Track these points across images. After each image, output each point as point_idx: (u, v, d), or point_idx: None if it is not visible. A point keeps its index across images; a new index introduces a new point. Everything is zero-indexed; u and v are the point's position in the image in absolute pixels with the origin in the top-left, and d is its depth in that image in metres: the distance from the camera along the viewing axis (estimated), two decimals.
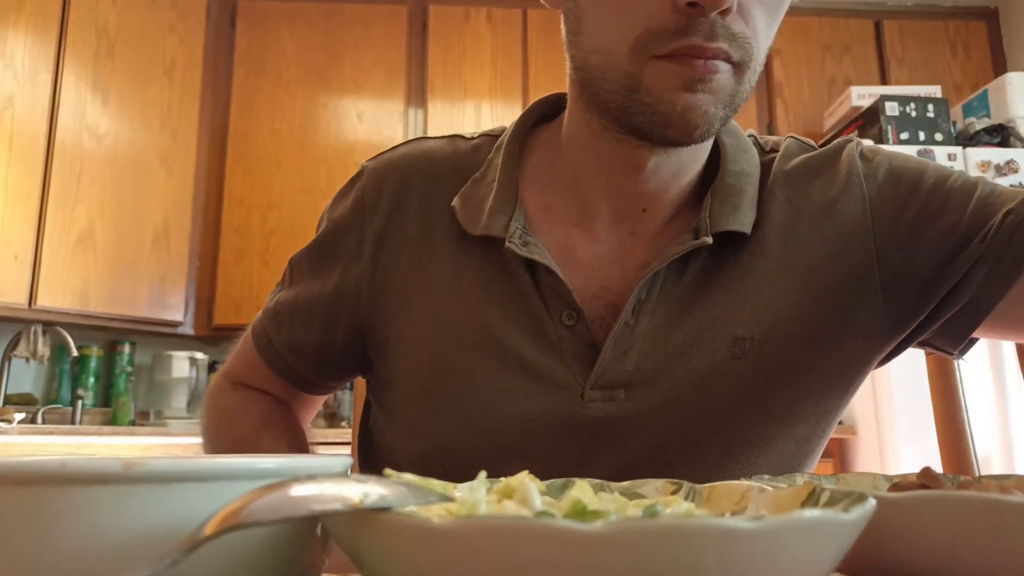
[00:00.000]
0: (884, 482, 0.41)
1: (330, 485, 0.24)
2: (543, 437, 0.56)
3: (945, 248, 0.56)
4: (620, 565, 0.20)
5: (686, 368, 0.56)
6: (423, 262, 0.61)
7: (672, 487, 0.35)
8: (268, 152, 2.80)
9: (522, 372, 0.57)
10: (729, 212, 0.57)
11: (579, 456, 0.56)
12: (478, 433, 0.57)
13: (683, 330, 0.57)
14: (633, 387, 0.56)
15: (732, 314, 0.57)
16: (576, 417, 0.56)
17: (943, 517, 0.29)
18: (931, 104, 2.52)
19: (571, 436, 0.56)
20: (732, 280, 0.57)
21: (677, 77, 0.49)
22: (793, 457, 0.59)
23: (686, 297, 0.57)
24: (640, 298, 0.56)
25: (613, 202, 0.59)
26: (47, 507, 0.24)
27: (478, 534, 0.21)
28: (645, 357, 0.56)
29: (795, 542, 0.21)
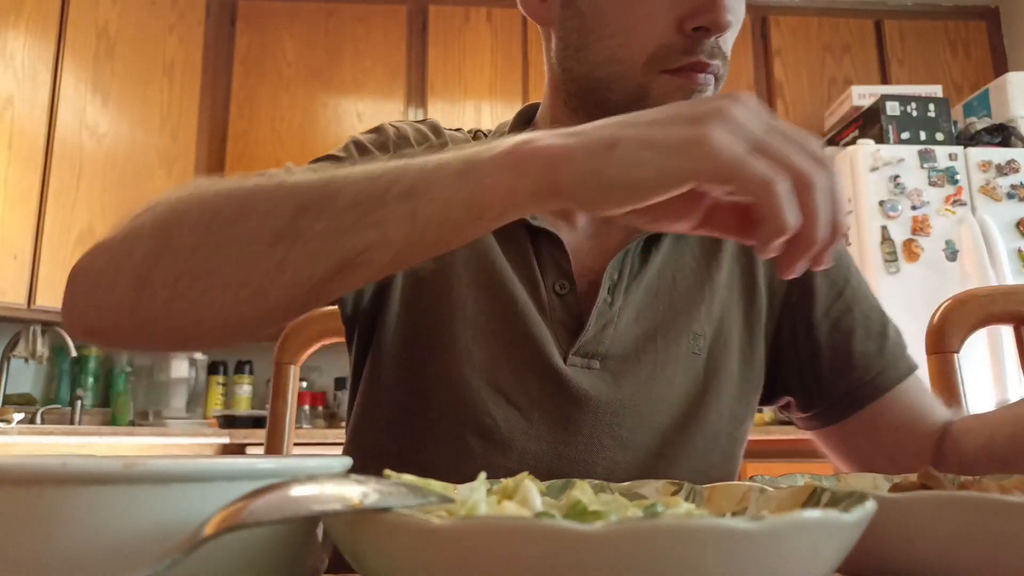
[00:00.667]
0: (884, 482, 0.41)
1: (330, 485, 0.24)
2: (532, 388, 0.61)
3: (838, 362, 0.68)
4: (620, 565, 0.20)
5: (652, 351, 0.63)
6: None
7: (672, 487, 0.35)
8: (268, 152, 2.80)
9: (521, 324, 0.62)
10: None
11: (559, 414, 0.62)
12: (476, 370, 0.61)
13: (650, 316, 0.64)
14: (607, 360, 0.62)
15: (690, 310, 0.65)
16: (560, 377, 0.61)
17: (943, 517, 0.29)
18: (932, 104, 2.52)
19: (555, 394, 0.62)
20: (690, 279, 0.66)
21: (680, 89, 0.57)
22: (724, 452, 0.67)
23: (651, 286, 0.65)
24: (613, 278, 0.63)
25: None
26: (47, 507, 0.24)
27: (478, 534, 0.20)
28: (619, 334, 0.63)
29: (795, 542, 0.21)
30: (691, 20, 0.56)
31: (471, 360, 0.61)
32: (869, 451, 0.69)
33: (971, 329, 0.83)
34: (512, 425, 0.61)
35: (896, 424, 0.67)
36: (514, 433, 0.61)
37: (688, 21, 0.56)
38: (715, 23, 0.55)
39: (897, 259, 2.28)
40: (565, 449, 0.61)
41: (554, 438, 0.61)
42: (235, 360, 2.86)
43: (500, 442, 0.61)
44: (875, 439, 0.68)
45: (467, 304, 0.63)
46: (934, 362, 0.85)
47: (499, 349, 0.62)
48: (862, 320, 0.69)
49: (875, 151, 2.36)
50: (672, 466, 0.63)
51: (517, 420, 0.61)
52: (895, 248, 2.29)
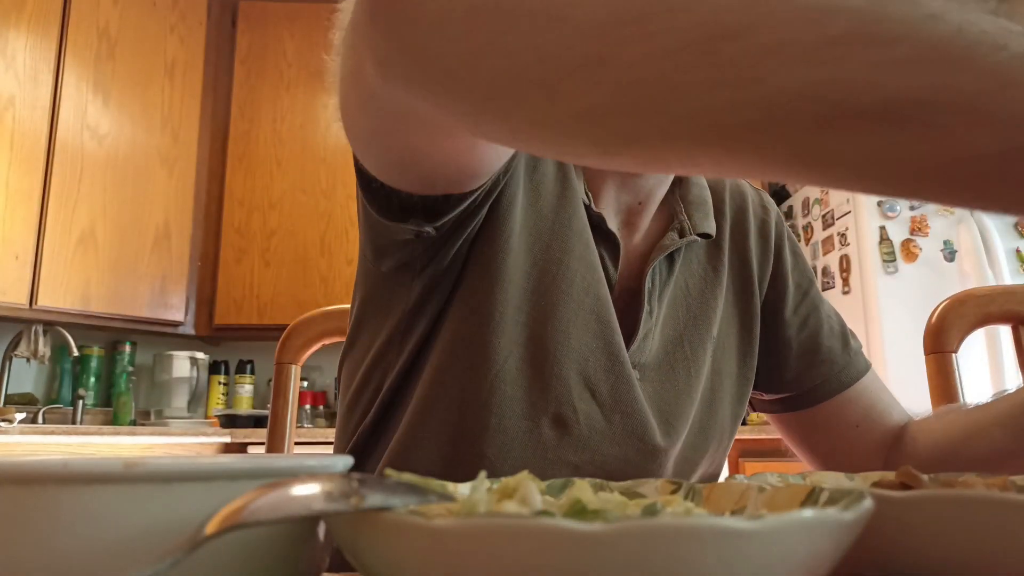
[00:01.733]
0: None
1: (330, 485, 0.24)
2: (617, 389, 0.60)
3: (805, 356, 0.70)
4: (620, 565, 0.20)
5: (683, 358, 0.64)
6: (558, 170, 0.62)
7: (671, 486, 0.35)
8: (269, 152, 2.80)
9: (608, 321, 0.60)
10: (703, 218, 0.66)
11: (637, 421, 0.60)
12: (569, 357, 0.58)
13: (673, 325, 0.65)
14: (645, 369, 0.62)
15: (707, 314, 0.66)
16: (629, 382, 0.60)
17: (943, 515, 0.29)
18: None
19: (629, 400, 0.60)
20: (701, 283, 0.67)
21: None
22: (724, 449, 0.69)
23: (672, 295, 0.65)
24: (649, 287, 0.63)
25: (618, 193, 0.65)
26: (48, 507, 0.24)
27: (478, 534, 0.21)
28: (655, 344, 0.63)
29: (794, 541, 0.21)
30: None
31: (567, 345, 0.58)
32: (828, 443, 0.72)
33: (969, 329, 0.84)
34: (592, 423, 0.59)
35: (857, 419, 0.70)
36: (592, 431, 0.59)
37: None
38: None
39: (895, 259, 2.28)
40: (635, 457, 0.60)
41: (628, 444, 0.60)
42: (236, 360, 2.86)
43: (576, 437, 0.58)
44: (835, 432, 0.71)
45: (575, 280, 0.59)
46: (932, 362, 0.86)
47: (593, 339, 0.59)
48: (826, 319, 0.73)
49: None
50: (689, 468, 0.65)
51: (598, 419, 0.59)
52: (893, 248, 2.29)
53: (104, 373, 2.75)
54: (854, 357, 0.72)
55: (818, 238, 2.59)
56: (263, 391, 2.83)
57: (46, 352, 2.54)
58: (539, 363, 0.58)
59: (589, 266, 0.60)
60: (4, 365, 2.57)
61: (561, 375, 0.58)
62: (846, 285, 2.40)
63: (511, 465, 0.58)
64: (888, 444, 0.69)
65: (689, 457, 0.64)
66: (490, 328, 0.57)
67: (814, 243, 2.62)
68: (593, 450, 0.59)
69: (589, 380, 0.59)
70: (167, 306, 2.65)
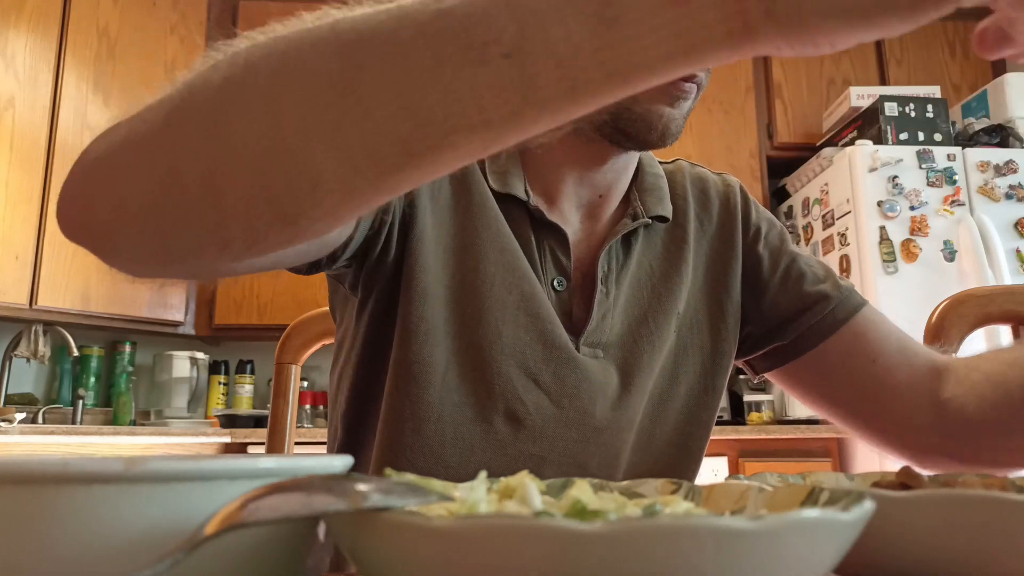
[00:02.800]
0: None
1: (330, 485, 0.24)
2: (561, 375, 0.62)
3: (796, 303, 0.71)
4: (619, 565, 0.20)
5: (646, 335, 0.67)
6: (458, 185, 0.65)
7: (671, 486, 0.35)
8: None
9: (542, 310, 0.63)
10: (656, 202, 0.70)
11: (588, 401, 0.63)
12: (505, 353, 0.61)
13: (637, 304, 0.67)
14: (608, 348, 0.65)
15: (671, 293, 0.69)
16: (573, 363, 0.63)
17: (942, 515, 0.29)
18: (930, 104, 2.52)
19: (578, 383, 0.63)
20: (665, 264, 0.70)
21: (666, 95, 0.59)
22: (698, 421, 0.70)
23: (635, 275, 0.68)
24: (605, 270, 0.66)
25: (577, 188, 0.68)
26: (48, 507, 0.24)
27: (478, 534, 0.21)
28: (615, 323, 0.66)
29: (794, 542, 0.21)
30: None
31: (500, 341, 0.61)
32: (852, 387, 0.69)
33: (969, 329, 0.84)
34: (544, 412, 0.61)
35: (872, 352, 0.68)
36: (545, 420, 0.61)
37: None
38: None
39: (895, 259, 2.28)
40: (592, 435, 0.63)
41: (584, 425, 0.63)
42: (236, 360, 2.86)
43: (531, 428, 0.61)
44: (855, 371, 0.69)
45: (495, 282, 0.62)
46: None
47: (525, 333, 0.62)
48: (807, 268, 0.73)
49: (873, 152, 2.36)
50: (653, 439, 0.67)
51: (547, 407, 0.62)
52: (893, 248, 2.29)
53: (104, 373, 2.75)
54: (847, 294, 0.71)
55: (818, 238, 2.59)
56: (263, 391, 2.83)
57: (46, 352, 2.54)
58: (478, 366, 0.61)
59: (507, 266, 0.63)
60: (4, 365, 2.57)
61: (502, 372, 0.61)
62: None
63: (474, 469, 0.59)
64: (924, 382, 0.66)
65: (647, 428, 0.67)
66: (423, 345, 0.60)
67: (814, 243, 2.62)
68: (551, 437, 0.62)
69: (530, 371, 0.62)
70: (167, 306, 2.65)
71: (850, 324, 0.69)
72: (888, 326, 0.70)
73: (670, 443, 0.68)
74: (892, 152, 2.36)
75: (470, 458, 0.60)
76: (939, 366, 0.67)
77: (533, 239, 0.65)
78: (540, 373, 0.62)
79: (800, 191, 2.75)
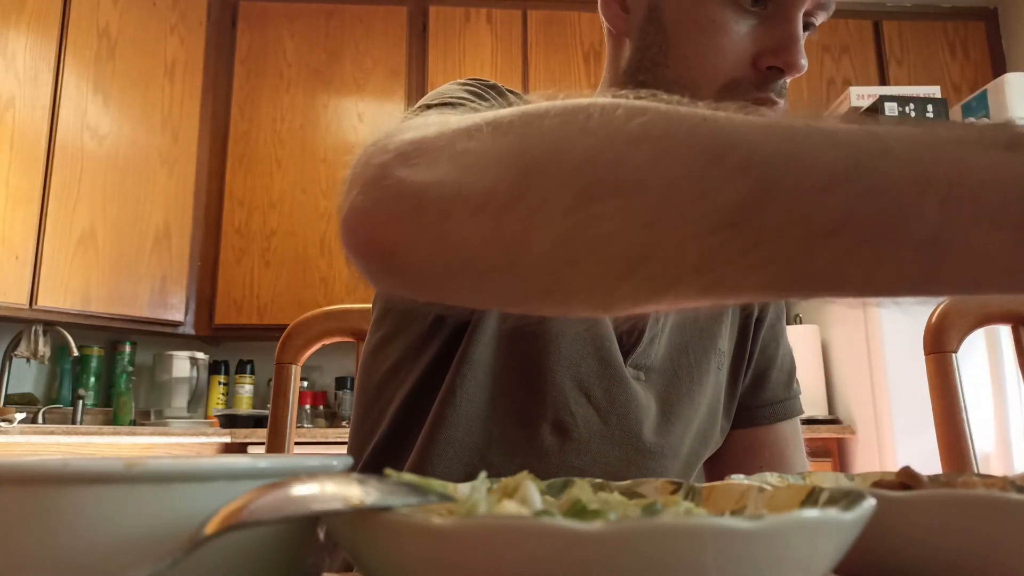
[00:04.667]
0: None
1: (330, 485, 0.24)
2: (611, 391, 0.62)
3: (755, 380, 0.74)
4: (620, 564, 0.20)
5: (687, 365, 0.66)
6: None
7: (671, 486, 0.35)
8: (269, 152, 2.80)
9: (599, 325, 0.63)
10: None
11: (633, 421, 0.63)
12: (561, 363, 0.61)
13: (681, 333, 0.67)
14: (651, 372, 0.65)
15: (713, 327, 0.68)
16: (624, 383, 0.63)
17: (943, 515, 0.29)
18: (930, 105, 2.52)
19: (627, 401, 0.63)
20: None
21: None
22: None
23: None
24: None
25: None
26: (48, 507, 0.24)
27: (478, 534, 0.21)
28: (661, 348, 0.65)
29: (794, 541, 0.21)
30: (767, 58, 0.56)
31: (558, 352, 0.61)
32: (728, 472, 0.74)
33: (969, 329, 0.84)
34: (591, 426, 0.61)
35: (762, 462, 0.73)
36: (591, 434, 0.61)
37: (764, 59, 0.57)
38: (790, 64, 0.56)
39: None
40: (636, 457, 0.63)
41: (628, 444, 0.63)
42: (236, 360, 2.86)
43: (576, 441, 0.61)
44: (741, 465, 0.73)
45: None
46: (932, 362, 0.86)
47: (583, 346, 0.61)
48: (782, 355, 0.76)
49: None
50: (689, 476, 0.68)
51: (595, 422, 0.61)
52: None
53: (104, 373, 2.75)
54: (793, 397, 0.75)
55: None
56: (263, 391, 2.83)
57: (46, 352, 2.54)
58: (533, 373, 0.61)
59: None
60: (4, 365, 2.57)
61: (555, 382, 0.60)
62: None
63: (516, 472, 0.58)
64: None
65: (692, 463, 0.67)
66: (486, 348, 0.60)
67: None
68: (594, 452, 0.61)
69: (583, 384, 0.61)
70: (167, 306, 2.65)
71: (774, 427, 0.74)
72: (795, 443, 0.75)
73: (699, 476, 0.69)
74: None
75: (512, 460, 0.60)
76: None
77: None
78: (592, 388, 0.61)
79: None
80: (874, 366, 2.21)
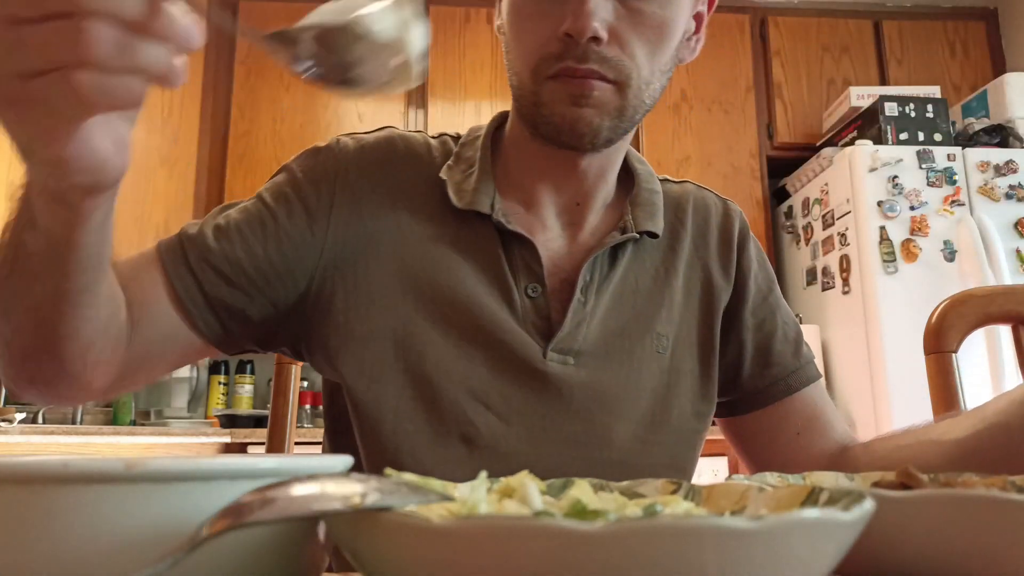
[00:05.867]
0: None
1: (330, 485, 0.24)
2: (509, 393, 0.64)
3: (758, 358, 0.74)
4: (620, 565, 0.20)
5: (620, 349, 0.67)
6: (399, 228, 0.68)
7: (671, 486, 0.35)
8: (269, 153, 2.80)
9: (493, 330, 0.65)
10: (647, 217, 0.71)
11: (538, 415, 0.64)
12: (452, 382, 0.64)
13: (618, 316, 0.68)
14: (582, 355, 0.66)
15: (652, 311, 0.69)
16: (537, 373, 0.64)
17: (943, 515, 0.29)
18: (930, 104, 2.52)
19: (533, 396, 0.64)
20: (651, 282, 0.71)
21: (563, 94, 0.61)
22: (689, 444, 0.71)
23: (618, 289, 0.69)
24: (586, 279, 0.67)
25: (553, 196, 0.70)
26: (49, 507, 0.24)
27: (478, 534, 0.21)
28: (592, 332, 0.66)
29: (795, 542, 0.21)
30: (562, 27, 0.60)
31: (448, 374, 0.64)
32: (769, 450, 0.74)
33: (969, 329, 0.84)
34: (494, 431, 0.63)
35: (799, 426, 0.73)
36: (497, 439, 0.63)
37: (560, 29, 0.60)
38: (575, 28, 0.59)
39: (895, 259, 2.28)
40: (546, 448, 0.64)
41: (535, 438, 0.64)
42: (236, 360, 2.86)
43: (484, 447, 0.63)
44: (777, 439, 0.73)
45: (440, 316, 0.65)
46: (932, 362, 0.86)
47: (472, 359, 0.64)
48: (781, 325, 0.76)
49: (873, 152, 2.36)
50: (643, 462, 0.67)
51: (498, 425, 0.64)
52: (893, 248, 2.29)
53: None
54: (804, 365, 0.75)
55: (818, 238, 2.59)
56: (263, 391, 2.83)
57: None
58: (428, 396, 0.63)
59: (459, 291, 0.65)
60: None
61: (450, 398, 0.63)
62: (846, 285, 2.40)
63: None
64: (826, 460, 0.71)
65: (639, 449, 0.66)
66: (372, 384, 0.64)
67: (814, 243, 2.62)
68: (504, 454, 0.63)
69: (477, 394, 0.64)
70: None
71: (796, 396, 0.73)
72: (822, 403, 0.75)
73: (662, 464, 0.68)
74: (892, 152, 2.36)
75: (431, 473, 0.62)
76: (845, 445, 0.72)
77: (502, 250, 0.66)
78: (488, 395, 0.64)
79: (800, 191, 2.75)
80: (874, 366, 2.22)
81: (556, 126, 0.62)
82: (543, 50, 0.61)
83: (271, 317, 0.65)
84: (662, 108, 2.87)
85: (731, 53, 2.94)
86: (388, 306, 0.65)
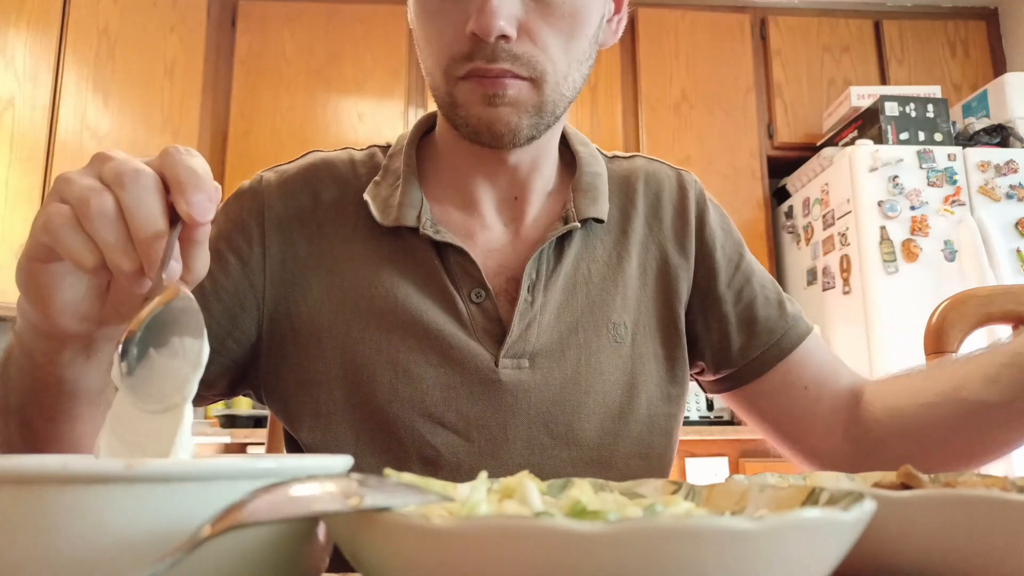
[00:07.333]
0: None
1: (330, 485, 0.24)
2: (464, 408, 0.63)
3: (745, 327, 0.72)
4: (620, 565, 0.20)
5: (576, 344, 0.65)
6: (333, 256, 0.66)
7: (672, 487, 0.35)
8: (269, 152, 2.80)
9: (441, 346, 0.63)
10: (590, 203, 0.68)
11: (496, 425, 0.63)
12: (404, 406, 0.62)
13: (571, 310, 0.66)
14: (536, 357, 0.64)
15: (606, 301, 0.67)
16: (491, 383, 0.63)
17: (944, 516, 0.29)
18: (930, 104, 2.52)
19: (488, 407, 0.63)
20: (604, 269, 0.68)
21: (476, 94, 0.59)
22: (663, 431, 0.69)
23: (568, 281, 0.67)
24: (532, 277, 0.65)
25: (489, 192, 0.69)
26: (48, 507, 0.24)
27: (478, 534, 0.21)
28: (543, 331, 0.64)
29: (795, 542, 0.21)
30: (467, 27, 0.57)
31: (401, 401, 0.62)
32: (781, 410, 0.72)
33: (970, 329, 0.84)
34: (455, 449, 0.62)
35: (805, 381, 0.71)
36: (459, 456, 0.62)
37: (466, 28, 0.57)
38: (481, 28, 0.56)
39: (896, 259, 2.28)
40: (511, 458, 0.63)
41: (497, 450, 0.63)
42: None
43: (447, 467, 0.62)
44: (787, 398, 0.71)
45: (381, 350, 0.63)
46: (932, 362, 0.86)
47: (423, 379, 0.63)
48: (760, 289, 0.73)
49: (874, 151, 2.36)
50: (615, 454, 0.65)
51: (458, 443, 0.62)
52: (894, 248, 2.29)
53: None
54: (793, 322, 0.72)
55: (818, 238, 2.59)
56: None
57: None
58: (384, 427, 0.62)
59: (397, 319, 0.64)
60: None
61: (406, 424, 0.62)
62: (846, 285, 2.40)
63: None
64: (843, 409, 0.69)
65: (610, 442, 0.65)
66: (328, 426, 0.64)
67: (814, 243, 2.62)
68: (468, 470, 0.62)
69: (432, 416, 0.62)
70: None
71: (792, 355, 0.71)
72: (823, 353, 0.73)
73: (633, 455, 0.66)
74: (892, 152, 2.36)
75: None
76: (856, 390, 0.70)
77: (439, 261, 0.65)
78: (443, 413, 0.62)
79: (800, 191, 2.75)
80: (874, 366, 2.21)
81: (474, 128, 0.60)
82: (451, 50, 0.59)
83: (230, 370, 0.66)
84: (662, 108, 2.87)
85: (731, 53, 2.94)
86: (335, 341, 0.64)
